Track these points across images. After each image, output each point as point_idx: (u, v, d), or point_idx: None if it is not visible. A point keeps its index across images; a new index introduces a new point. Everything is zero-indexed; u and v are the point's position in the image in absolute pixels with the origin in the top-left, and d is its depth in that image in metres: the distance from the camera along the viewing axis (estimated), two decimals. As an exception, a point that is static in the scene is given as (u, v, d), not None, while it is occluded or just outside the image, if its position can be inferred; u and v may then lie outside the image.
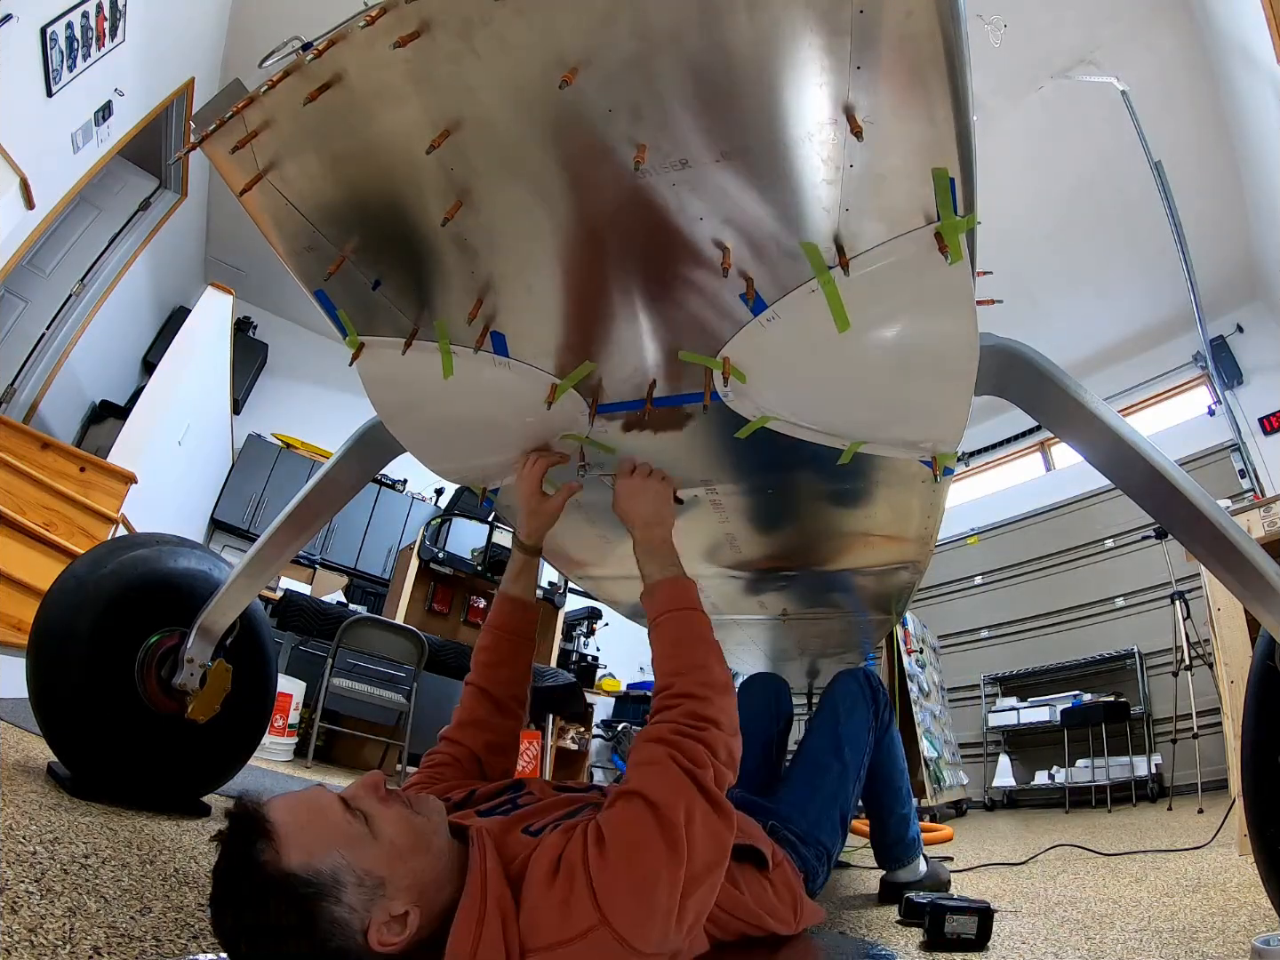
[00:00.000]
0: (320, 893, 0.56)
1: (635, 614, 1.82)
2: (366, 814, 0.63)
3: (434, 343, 0.89)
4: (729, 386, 0.85)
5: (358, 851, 0.59)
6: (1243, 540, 0.82)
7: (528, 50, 0.55)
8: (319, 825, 0.60)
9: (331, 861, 0.57)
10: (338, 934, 0.56)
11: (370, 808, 0.63)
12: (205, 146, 0.68)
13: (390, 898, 0.59)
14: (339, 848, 0.59)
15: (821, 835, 1.15)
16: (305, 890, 0.55)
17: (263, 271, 5.74)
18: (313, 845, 0.57)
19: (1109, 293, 5.26)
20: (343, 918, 0.56)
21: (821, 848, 1.14)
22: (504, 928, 0.60)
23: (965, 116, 0.56)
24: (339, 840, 0.59)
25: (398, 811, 0.65)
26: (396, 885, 0.60)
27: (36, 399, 3.86)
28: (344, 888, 0.57)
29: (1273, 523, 1.70)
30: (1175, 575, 3.95)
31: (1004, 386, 0.88)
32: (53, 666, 1.13)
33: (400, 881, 0.60)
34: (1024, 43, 3.68)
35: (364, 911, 0.57)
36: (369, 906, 0.58)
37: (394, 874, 0.60)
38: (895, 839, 1.45)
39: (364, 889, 0.58)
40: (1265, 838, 0.90)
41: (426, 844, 0.65)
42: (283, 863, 0.56)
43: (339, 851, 0.58)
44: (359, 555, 5.86)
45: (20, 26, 2.51)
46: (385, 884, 0.59)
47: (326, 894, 0.56)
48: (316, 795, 0.64)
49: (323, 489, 1.20)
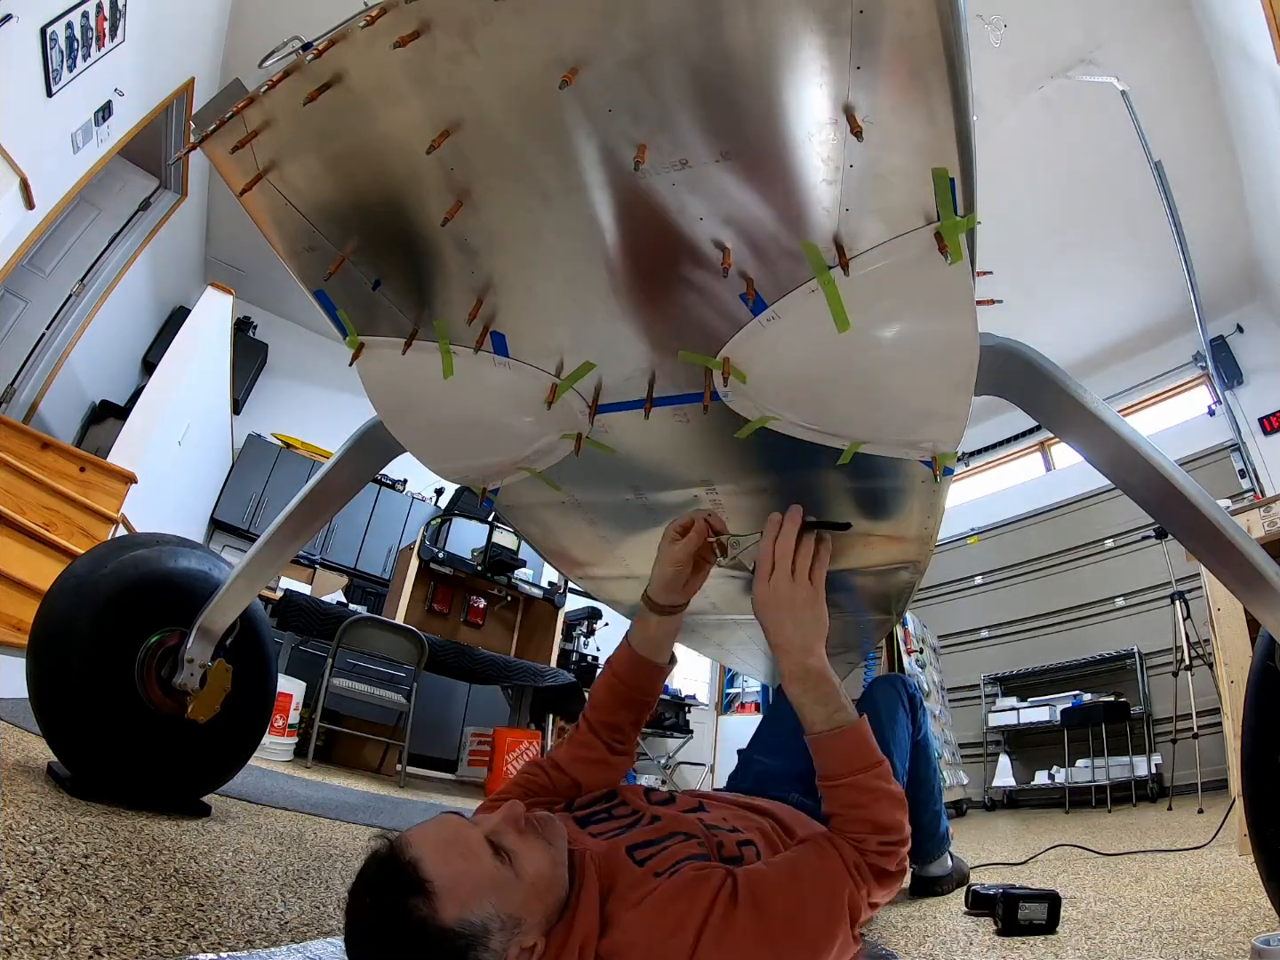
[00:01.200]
0: (471, 943, 0.57)
1: (635, 614, 1.81)
2: (510, 852, 0.63)
3: (434, 343, 0.89)
4: (729, 386, 0.85)
5: (505, 896, 0.60)
6: (1243, 540, 0.82)
7: (528, 50, 0.55)
8: (473, 876, 0.60)
9: (483, 911, 0.58)
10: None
11: (513, 844, 0.64)
12: (205, 146, 0.68)
13: (525, 932, 0.61)
14: (490, 897, 0.59)
15: None
16: (459, 943, 0.56)
17: (263, 271, 5.73)
18: (468, 898, 0.58)
19: (1109, 293, 5.26)
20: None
21: None
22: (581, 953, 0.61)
23: (965, 116, 0.56)
24: (490, 889, 0.60)
25: (538, 847, 0.66)
26: (532, 921, 0.62)
27: (36, 399, 3.86)
28: (491, 935, 0.58)
29: (1273, 523, 1.70)
30: (1175, 575, 3.95)
31: (1004, 386, 0.88)
32: (53, 666, 1.13)
33: (535, 917, 0.62)
34: (1024, 43, 3.68)
35: (503, 951, 0.59)
36: (508, 945, 0.59)
37: (532, 913, 0.62)
38: (927, 834, 1.49)
39: (505, 930, 0.59)
40: (1265, 838, 0.90)
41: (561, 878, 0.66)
42: (440, 918, 0.56)
43: (490, 900, 0.59)
44: (359, 555, 5.86)
45: (20, 26, 2.51)
46: (523, 923, 0.61)
47: (477, 943, 0.57)
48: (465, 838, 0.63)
49: (323, 489, 1.20)
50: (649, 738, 5.46)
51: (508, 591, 4.37)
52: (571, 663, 5.35)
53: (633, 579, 1.56)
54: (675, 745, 5.62)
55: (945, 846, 1.54)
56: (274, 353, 6.35)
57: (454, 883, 0.58)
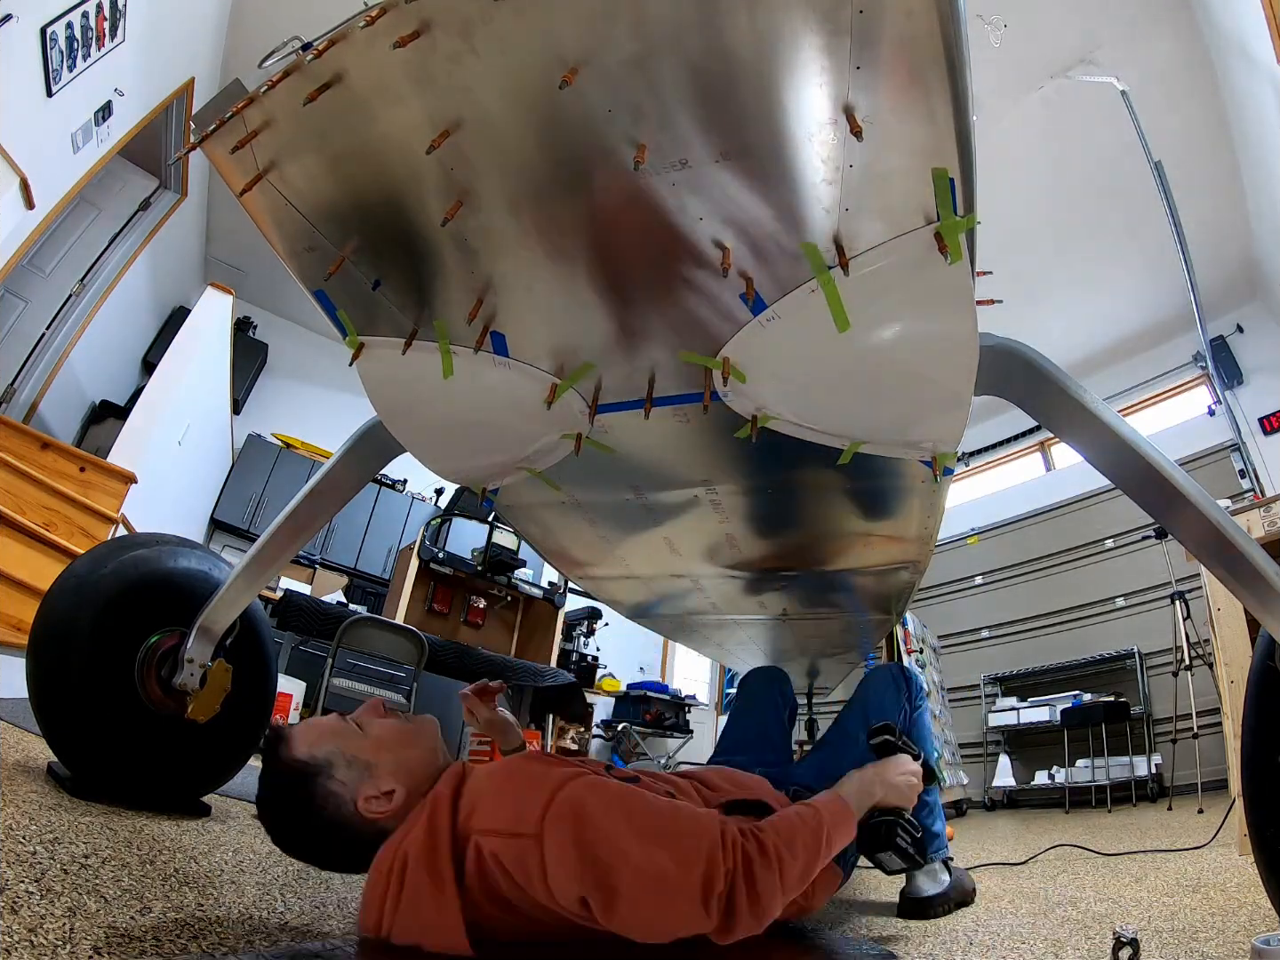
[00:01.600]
0: (317, 770, 0.76)
1: (635, 614, 1.82)
2: (361, 722, 0.82)
3: (434, 343, 0.89)
4: (729, 386, 0.85)
5: (347, 741, 0.79)
6: (1243, 540, 0.82)
7: (528, 50, 0.55)
8: (319, 727, 0.80)
9: (326, 749, 0.77)
10: (332, 802, 0.75)
11: (367, 718, 0.83)
12: (205, 146, 0.68)
13: (377, 777, 0.77)
14: (333, 740, 0.78)
15: None
16: (306, 769, 0.76)
17: (263, 271, 5.73)
18: (313, 740, 0.78)
19: (1109, 293, 5.26)
20: (335, 790, 0.75)
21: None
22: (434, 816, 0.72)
23: (965, 116, 0.56)
24: (333, 736, 0.79)
25: (390, 719, 0.84)
26: (382, 768, 0.78)
27: (36, 399, 3.86)
28: (335, 767, 0.76)
29: (1273, 523, 1.70)
30: (1175, 575, 3.95)
31: (1004, 386, 0.88)
32: (53, 666, 1.13)
33: (386, 765, 0.78)
34: (1024, 43, 3.68)
35: (353, 785, 0.76)
36: (358, 781, 0.76)
37: (379, 759, 0.78)
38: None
39: (353, 769, 0.77)
40: (1265, 838, 0.90)
41: (413, 740, 0.83)
42: (292, 753, 0.77)
43: (332, 743, 0.78)
44: (359, 555, 5.85)
45: (20, 26, 2.51)
46: (372, 767, 0.78)
47: (321, 771, 0.76)
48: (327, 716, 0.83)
49: (323, 489, 1.20)
50: (649, 738, 5.46)
51: (508, 591, 4.37)
52: (571, 663, 5.35)
53: (633, 579, 1.57)
54: (675, 745, 5.61)
55: (936, 850, 1.37)
56: (274, 353, 6.34)
57: (304, 731, 0.79)
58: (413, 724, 0.86)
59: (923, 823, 1.34)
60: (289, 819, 0.77)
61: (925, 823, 1.36)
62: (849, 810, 0.91)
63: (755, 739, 1.49)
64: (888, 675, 1.42)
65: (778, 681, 1.64)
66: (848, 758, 1.19)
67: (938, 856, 1.39)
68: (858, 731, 1.27)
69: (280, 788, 0.77)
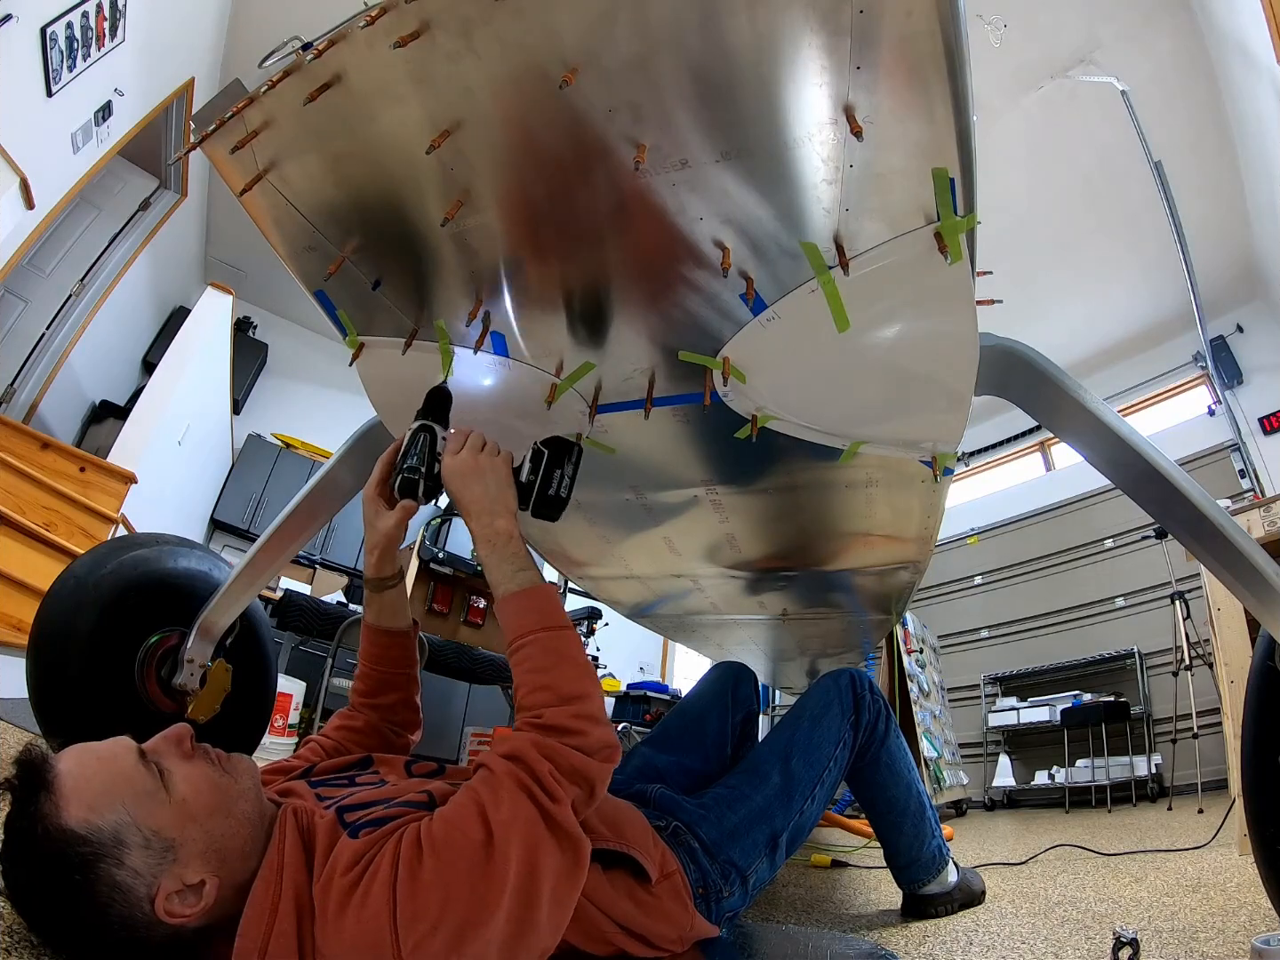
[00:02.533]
0: (99, 853, 0.51)
1: (635, 614, 1.82)
2: (163, 769, 0.58)
3: (434, 343, 0.89)
4: (729, 386, 0.85)
5: (146, 808, 0.54)
6: (1243, 540, 0.82)
7: (528, 50, 0.55)
8: (105, 777, 0.54)
9: (115, 818, 0.52)
10: (119, 900, 0.51)
11: (170, 763, 0.59)
12: (205, 146, 0.68)
13: (183, 864, 0.54)
14: (125, 803, 0.53)
15: (733, 852, 0.95)
16: (82, 849, 0.51)
17: (263, 271, 5.73)
18: (96, 799, 0.53)
19: (1109, 292, 5.26)
20: (125, 882, 0.52)
21: (731, 866, 0.94)
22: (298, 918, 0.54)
23: (965, 116, 0.56)
24: (125, 795, 0.54)
25: (200, 769, 0.60)
26: (190, 850, 0.55)
27: (36, 399, 3.86)
28: (127, 848, 0.52)
29: (1273, 523, 1.70)
30: (1175, 575, 3.95)
31: (1004, 386, 0.88)
32: (53, 666, 1.13)
33: (194, 846, 0.55)
34: (1024, 43, 3.68)
35: (150, 877, 0.53)
36: (157, 872, 0.53)
37: (186, 836, 0.55)
38: (908, 861, 1.25)
39: (151, 851, 0.53)
40: (1265, 838, 0.90)
41: (228, 807, 0.59)
42: (61, 818, 0.51)
43: (124, 807, 0.53)
44: (359, 555, 5.85)
45: (20, 26, 2.51)
46: (176, 847, 0.54)
47: (107, 854, 0.51)
48: (112, 745, 0.58)
49: (323, 489, 1.20)
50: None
51: (508, 591, 4.36)
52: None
53: (633, 579, 1.57)
54: (675, 745, 5.60)
55: (936, 869, 1.27)
56: (274, 353, 6.34)
57: (83, 781, 0.53)
58: (227, 774, 0.62)
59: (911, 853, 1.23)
60: (51, 915, 0.52)
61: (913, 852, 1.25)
62: (536, 598, 0.75)
63: (688, 740, 1.28)
64: (833, 692, 1.17)
65: (736, 681, 1.39)
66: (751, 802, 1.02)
67: (937, 871, 1.28)
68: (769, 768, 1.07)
69: (40, 869, 0.51)
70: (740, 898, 0.95)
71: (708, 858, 0.93)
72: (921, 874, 1.27)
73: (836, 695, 1.17)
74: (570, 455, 0.89)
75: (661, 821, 0.95)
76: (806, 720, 1.14)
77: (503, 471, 0.83)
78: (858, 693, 1.18)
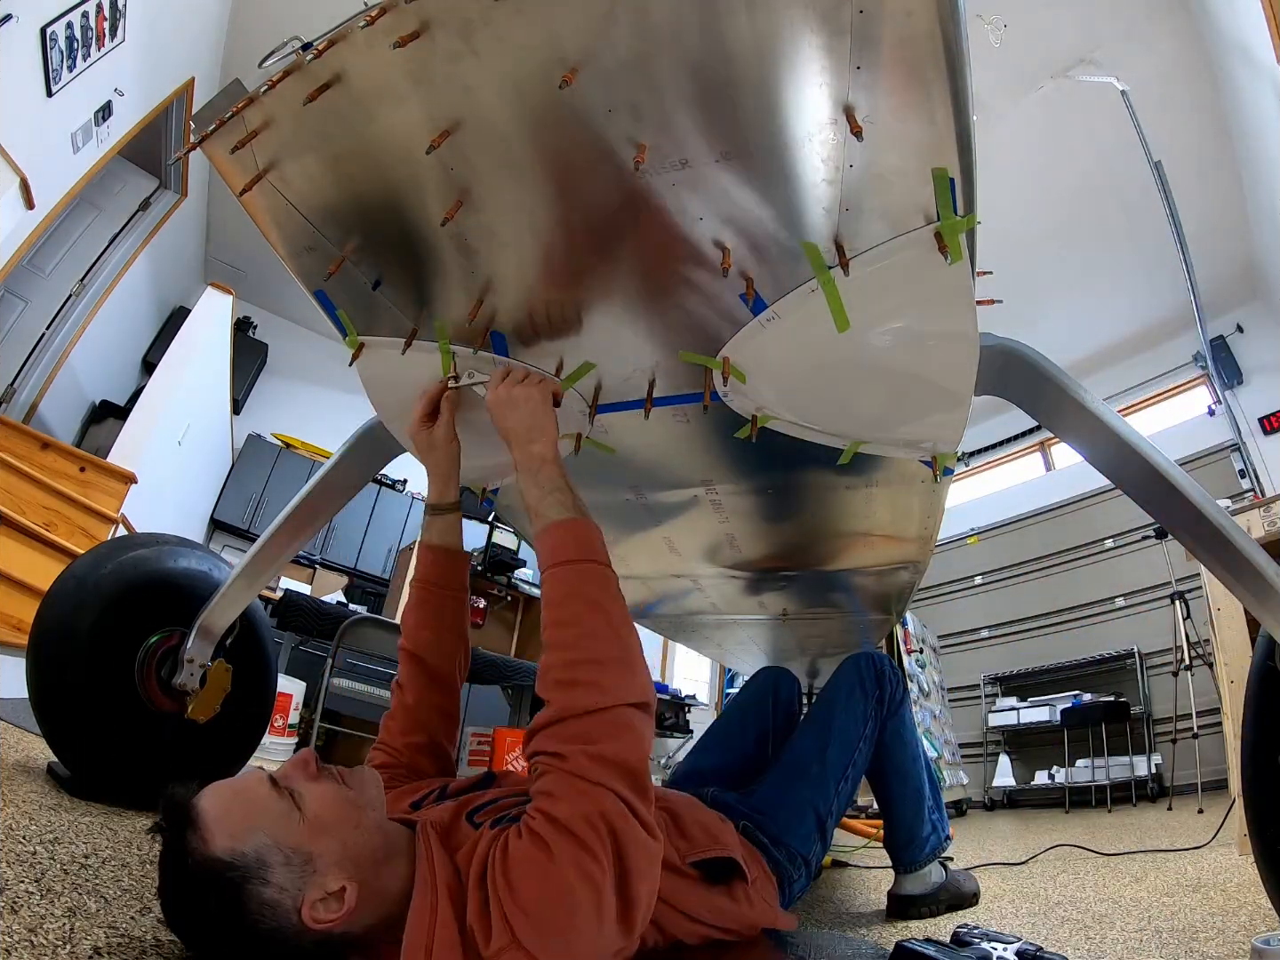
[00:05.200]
0: (246, 875, 0.56)
1: (635, 614, 1.82)
2: (294, 791, 0.62)
3: (434, 343, 0.89)
4: (729, 386, 0.85)
5: (283, 829, 0.59)
6: (1243, 540, 0.82)
7: (528, 50, 0.55)
8: (242, 806, 0.60)
9: (256, 842, 0.57)
10: (268, 915, 0.56)
11: (300, 785, 0.63)
12: (205, 146, 0.68)
13: (322, 873, 0.58)
14: (263, 827, 0.58)
15: (793, 841, 1.04)
16: (230, 874, 0.55)
17: (263, 271, 5.73)
18: (236, 828, 0.57)
19: (1109, 293, 5.26)
20: (273, 898, 0.56)
21: (795, 853, 1.04)
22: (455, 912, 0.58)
23: (965, 116, 0.56)
24: (263, 820, 0.59)
25: (327, 786, 0.64)
26: (327, 860, 0.59)
27: (36, 399, 3.86)
28: (270, 868, 0.57)
29: (1273, 523, 1.70)
30: (1175, 575, 3.95)
31: (1004, 386, 0.88)
32: (53, 666, 1.13)
33: (330, 856, 0.59)
34: (1024, 43, 3.68)
35: (295, 890, 0.57)
36: (300, 885, 0.57)
37: (321, 848, 0.59)
38: (906, 838, 1.30)
39: (292, 867, 0.57)
40: (1265, 838, 0.90)
41: (356, 818, 0.64)
42: (208, 849, 0.56)
43: (264, 831, 0.58)
44: (359, 555, 5.85)
45: (20, 26, 2.51)
46: (314, 859, 0.59)
47: (253, 876, 0.56)
48: (244, 779, 0.64)
49: (323, 489, 1.20)
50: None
51: (508, 591, 4.36)
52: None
53: (633, 579, 1.56)
54: (675, 745, 5.61)
55: (926, 854, 1.30)
56: (274, 353, 6.34)
57: (223, 813, 0.58)
58: (353, 789, 0.66)
59: (909, 827, 1.30)
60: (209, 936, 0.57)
61: (912, 827, 1.30)
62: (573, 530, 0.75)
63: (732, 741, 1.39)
64: (855, 677, 1.24)
65: (776, 685, 1.47)
66: (798, 795, 1.09)
67: (930, 860, 1.31)
68: (809, 761, 1.14)
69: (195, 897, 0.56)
70: (805, 880, 1.06)
71: (776, 849, 1.02)
72: (918, 855, 1.31)
73: (858, 679, 1.24)
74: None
75: (735, 822, 1.02)
76: (837, 710, 1.21)
77: (538, 399, 0.85)
78: (879, 670, 1.26)
